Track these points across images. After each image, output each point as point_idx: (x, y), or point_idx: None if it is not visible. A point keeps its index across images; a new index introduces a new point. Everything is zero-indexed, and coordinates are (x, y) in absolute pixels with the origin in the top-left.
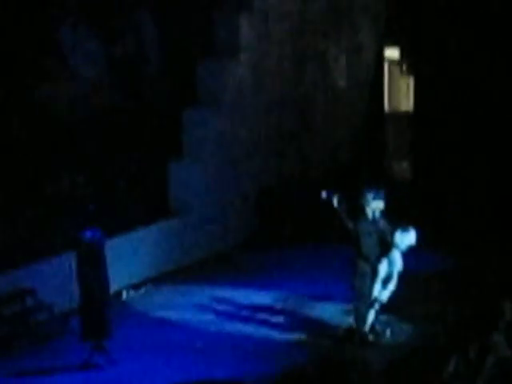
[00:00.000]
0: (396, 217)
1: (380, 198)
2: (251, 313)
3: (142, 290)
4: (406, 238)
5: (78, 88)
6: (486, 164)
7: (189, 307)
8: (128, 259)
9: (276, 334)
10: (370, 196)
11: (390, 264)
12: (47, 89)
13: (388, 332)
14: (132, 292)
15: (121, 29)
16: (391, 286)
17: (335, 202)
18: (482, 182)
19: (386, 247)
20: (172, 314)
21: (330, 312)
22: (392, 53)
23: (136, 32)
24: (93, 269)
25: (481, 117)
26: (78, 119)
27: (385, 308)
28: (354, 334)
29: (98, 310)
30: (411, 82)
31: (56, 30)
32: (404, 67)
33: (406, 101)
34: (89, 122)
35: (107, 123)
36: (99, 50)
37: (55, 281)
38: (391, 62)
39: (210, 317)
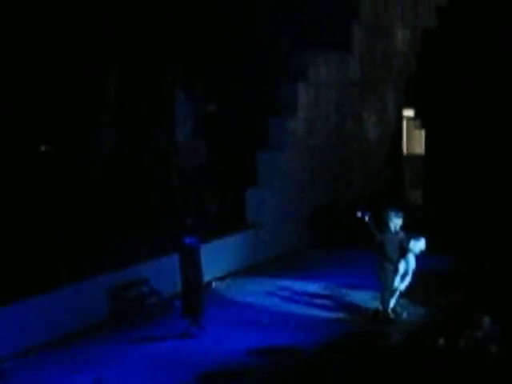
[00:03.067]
0: (411, 230)
1: (399, 217)
2: (304, 298)
3: (226, 281)
4: (418, 245)
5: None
6: (482, 193)
7: (259, 293)
8: (216, 259)
9: (322, 313)
10: (392, 215)
11: (407, 264)
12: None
13: (405, 313)
14: (218, 283)
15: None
16: (407, 280)
17: (367, 218)
18: (478, 206)
19: (403, 251)
20: (246, 298)
21: (362, 298)
22: (409, 112)
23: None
24: (191, 265)
25: (476, 160)
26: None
27: (402, 295)
28: (380, 314)
29: (194, 295)
30: (423, 133)
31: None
32: (417, 123)
33: (419, 147)
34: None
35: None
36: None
37: (164, 273)
38: (408, 119)
39: (274, 300)
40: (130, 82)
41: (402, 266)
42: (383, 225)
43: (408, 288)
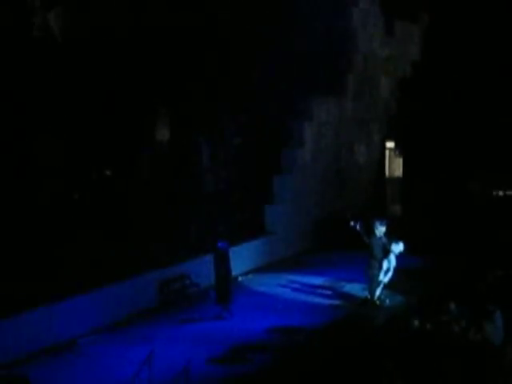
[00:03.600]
0: (392, 236)
1: (383, 225)
2: (309, 288)
3: (249, 276)
4: (398, 248)
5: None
6: (448, 207)
7: (274, 285)
8: (242, 259)
9: (323, 301)
10: (377, 224)
11: (389, 262)
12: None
13: (387, 301)
14: (243, 277)
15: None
16: (389, 275)
17: (358, 226)
18: (446, 217)
19: (386, 252)
20: (265, 289)
21: (354, 289)
22: (390, 144)
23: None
24: (222, 263)
25: (442, 181)
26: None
27: (385, 287)
28: (368, 302)
29: (225, 286)
30: (401, 161)
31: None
32: (396, 152)
33: (398, 171)
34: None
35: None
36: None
37: (201, 269)
38: (390, 149)
39: (286, 291)
40: (179, 123)
41: (385, 264)
42: (370, 232)
43: (390, 281)
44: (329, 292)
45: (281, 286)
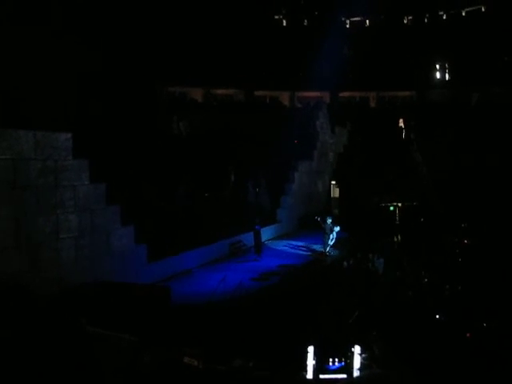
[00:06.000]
0: (335, 223)
1: (330, 218)
2: (296, 247)
3: (269, 242)
4: (337, 228)
5: None
6: (364, 208)
7: (281, 245)
8: (266, 233)
9: (303, 253)
10: (328, 217)
11: (333, 235)
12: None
13: (332, 253)
14: (267, 242)
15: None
16: (333, 241)
17: (319, 219)
18: (362, 213)
19: (331, 231)
20: (276, 247)
21: (317, 247)
22: (333, 182)
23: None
24: (257, 236)
25: (358, 197)
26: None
27: (331, 246)
28: (323, 253)
29: (258, 246)
30: (338, 189)
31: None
32: (336, 185)
33: (337, 194)
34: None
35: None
36: None
37: (248, 238)
38: (333, 184)
39: (286, 248)
40: (238, 174)
41: (331, 236)
42: (324, 221)
43: (333, 244)
44: (305, 249)
45: (284, 245)
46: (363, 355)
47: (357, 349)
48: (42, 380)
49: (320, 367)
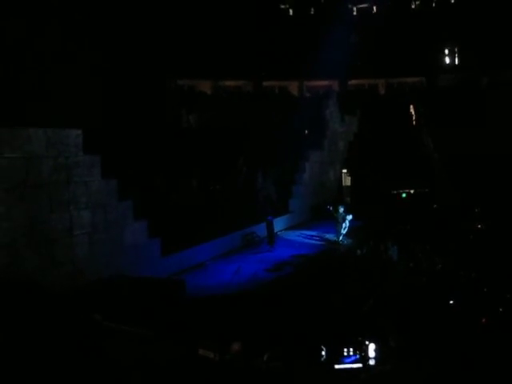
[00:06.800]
0: (347, 212)
1: (343, 207)
2: (309, 236)
3: (282, 232)
4: (349, 217)
5: None
6: (378, 197)
7: (294, 235)
8: (279, 223)
9: (316, 242)
10: (340, 206)
11: (345, 223)
12: None
13: (345, 241)
14: (280, 232)
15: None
16: (346, 229)
17: (331, 208)
18: (375, 202)
19: (344, 219)
20: (289, 237)
21: (330, 236)
22: (344, 170)
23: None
24: (270, 227)
25: (372, 184)
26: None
27: (344, 235)
28: (336, 242)
29: (272, 237)
30: (349, 178)
31: None
32: (347, 174)
33: (348, 182)
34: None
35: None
36: None
37: (261, 229)
38: (344, 173)
39: (299, 238)
40: (249, 165)
41: (343, 225)
42: (336, 210)
43: (346, 232)
44: (318, 238)
45: (296, 235)
46: (378, 347)
47: (372, 341)
48: (55, 378)
49: (334, 358)
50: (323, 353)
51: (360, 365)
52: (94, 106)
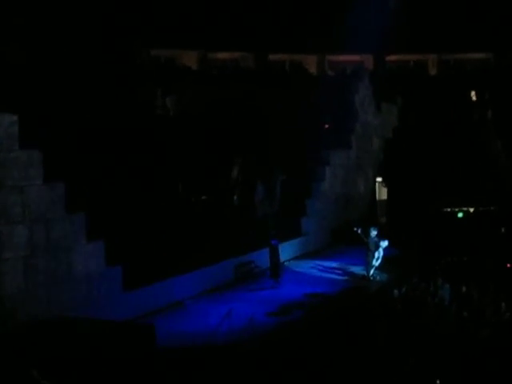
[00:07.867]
0: (381, 236)
1: (375, 230)
2: (328, 269)
3: (291, 262)
4: (384, 244)
5: None
6: (419, 219)
7: (307, 267)
8: (287, 250)
9: (337, 277)
10: (372, 229)
11: (379, 253)
12: None
13: (378, 277)
14: (287, 262)
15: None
16: (379, 261)
17: (359, 231)
18: (415, 225)
19: (377, 247)
20: (301, 269)
21: (356, 269)
22: (379, 179)
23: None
24: (274, 254)
25: (413, 202)
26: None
27: (377, 268)
28: (365, 277)
29: (276, 269)
30: (386, 189)
31: None
32: (383, 184)
33: (384, 196)
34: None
35: None
36: None
37: (262, 258)
38: (379, 182)
39: (314, 271)
40: (246, 168)
41: (376, 254)
42: (367, 234)
43: (379, 265)
44: (340, 271)
45: (310, 267)
46: None
47: None
48: None
49: None
50: None
51: None
52: (34, 85)
